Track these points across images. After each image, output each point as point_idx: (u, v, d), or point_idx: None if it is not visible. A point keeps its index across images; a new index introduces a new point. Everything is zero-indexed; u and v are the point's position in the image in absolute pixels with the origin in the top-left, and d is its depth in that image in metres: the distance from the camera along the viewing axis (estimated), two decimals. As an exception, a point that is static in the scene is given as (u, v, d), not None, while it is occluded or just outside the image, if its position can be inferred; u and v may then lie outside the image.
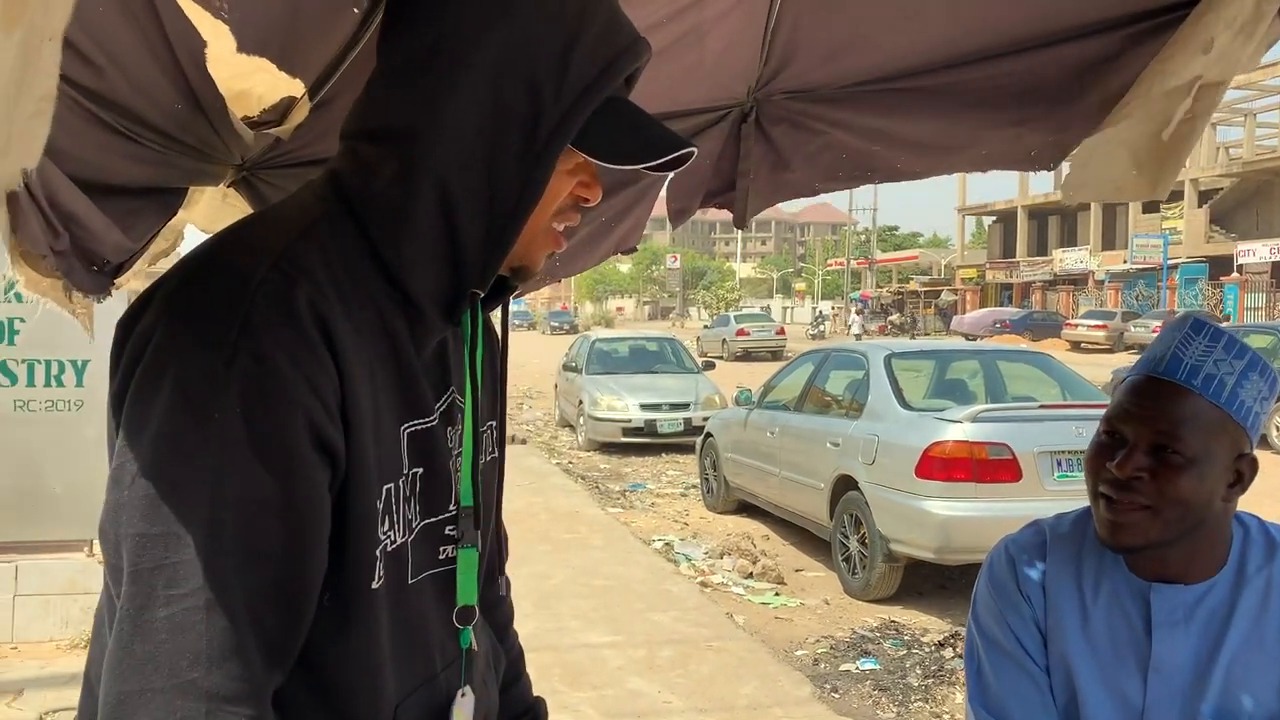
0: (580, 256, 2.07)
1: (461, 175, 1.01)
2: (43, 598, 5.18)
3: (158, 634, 0.85)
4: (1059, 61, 1.70)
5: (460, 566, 1.12)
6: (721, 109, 1.84)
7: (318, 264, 0.98)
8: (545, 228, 1.07)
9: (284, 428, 0.90)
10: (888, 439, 6.76)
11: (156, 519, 0.87)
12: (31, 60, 0.78)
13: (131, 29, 0.95)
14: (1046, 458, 6.29)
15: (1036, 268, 51.65)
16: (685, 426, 13.36)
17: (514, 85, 1.00)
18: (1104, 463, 1.38)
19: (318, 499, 0.94)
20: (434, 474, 1.09)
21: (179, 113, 1.18)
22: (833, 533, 7.29)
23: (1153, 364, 1.40)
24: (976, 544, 6.20)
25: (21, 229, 0.85)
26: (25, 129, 0.81)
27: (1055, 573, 1.50)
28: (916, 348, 8.80)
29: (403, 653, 1.07)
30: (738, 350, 35.76)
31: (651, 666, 5.28)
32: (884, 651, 5.82)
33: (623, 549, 7.91)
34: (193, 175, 1.36)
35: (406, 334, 1.05)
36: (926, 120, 1.82)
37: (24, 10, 0.73)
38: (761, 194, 1.98)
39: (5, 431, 5.44)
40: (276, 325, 0.91)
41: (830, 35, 1.68)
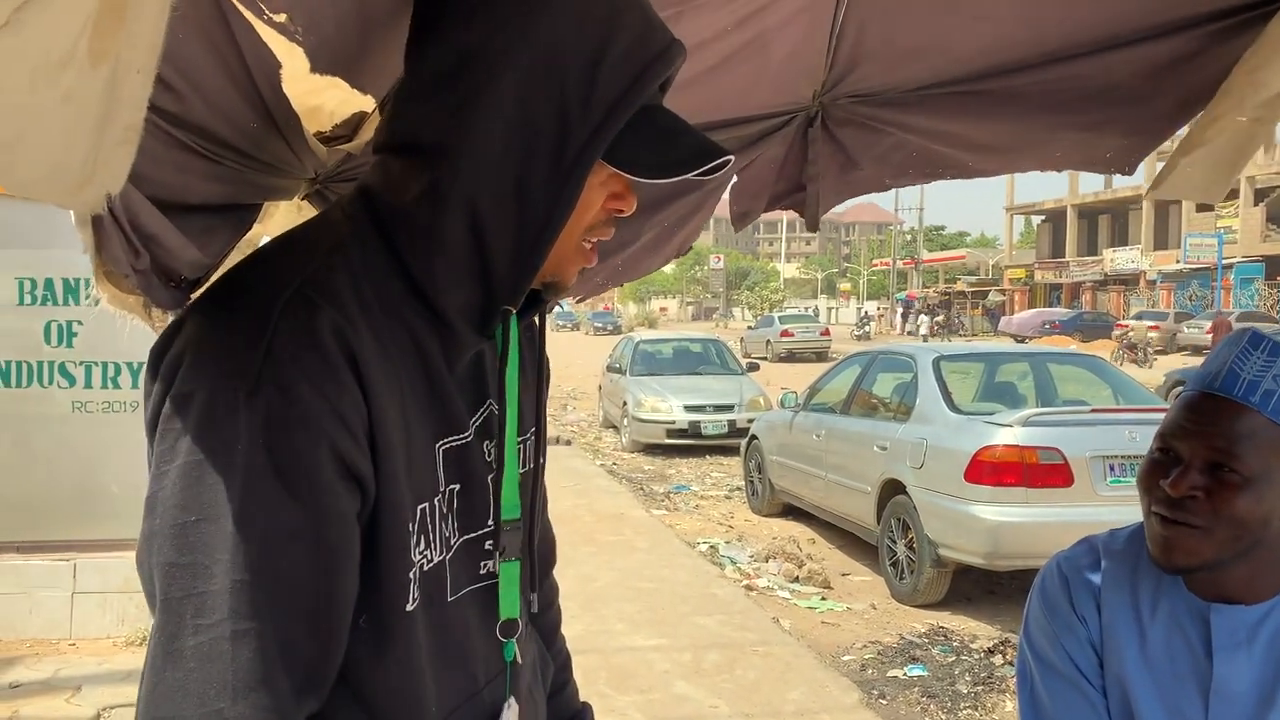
0: (643, 261, 2.06)
1: (490, 193, 0.99)
2: (100, 595, 5.28)
3: (187, 662, 0.86)
4: (1134, 62, 1.66)
5: (503, 580, 1.12)
6: (786, 114, 1.82)
7: (344, 286, 0.97)
8: (577, 244, 1.06)
9: (308, 458, 0.90)
10: (936, 443, 6.69)
11: (185, 549, 0.88)
12: (119, 92, 0.80)
13: (209, 54, 0.97)
14: (1099, 462, 6.19)
15: (1086, 268, 50.91)
16: (729, 428, 13.32)
17: (541, 101, 0.98)
18: (1157, 480, 1.35)
19: (345, 527, 0.94)
20: (471, 490, 1.08)
21: (255, 131, 1.20)
22: (880, 537, 7.24)
23: (1208, 380, 1.36)
24: (1027, 550, 6.13)
25: (105, 250, 0.88)
26: (111, 156, 0.83)
27: (1110, 591, 1.46)
28: (965, 350, 8.70)
29: (444, 669, 1.07)
30: (782, 351, 35.61)
31: (698, 671, 5.27)
32: (932, 658, 5.77)
33: (667, 551, 7.91)
34: (268, 191, 1.38)
35: (439, 351, 1.04)
36: (997, 123, 1.80)
37: (111, 45, 0.74)
38: (830, 193, 1.97)
39: (64, 432, 5.57)
40: (300, 353, 0.91)
41: (897, 39, 1.66)
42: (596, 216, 1.05)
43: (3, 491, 5.50)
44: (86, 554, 5.34)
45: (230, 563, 0.87)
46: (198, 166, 1.12)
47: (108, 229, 0.88)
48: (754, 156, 1.88)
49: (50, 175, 0.81)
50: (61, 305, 5.64)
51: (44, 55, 0.68)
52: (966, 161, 1.93)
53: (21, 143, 0.74)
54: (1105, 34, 1.64)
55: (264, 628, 0.88)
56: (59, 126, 0.76)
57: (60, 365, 5.64)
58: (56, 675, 4.77)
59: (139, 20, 0.77)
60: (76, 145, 0.80)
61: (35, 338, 5.61)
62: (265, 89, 1.11)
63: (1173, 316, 37.18)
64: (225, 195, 1.21)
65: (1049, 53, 1.68)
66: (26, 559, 5.30)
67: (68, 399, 5.62)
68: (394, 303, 1.01)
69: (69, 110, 0.75)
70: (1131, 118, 1.74)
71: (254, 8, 1.01)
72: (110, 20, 0.73)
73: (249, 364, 0.89)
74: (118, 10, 0.73)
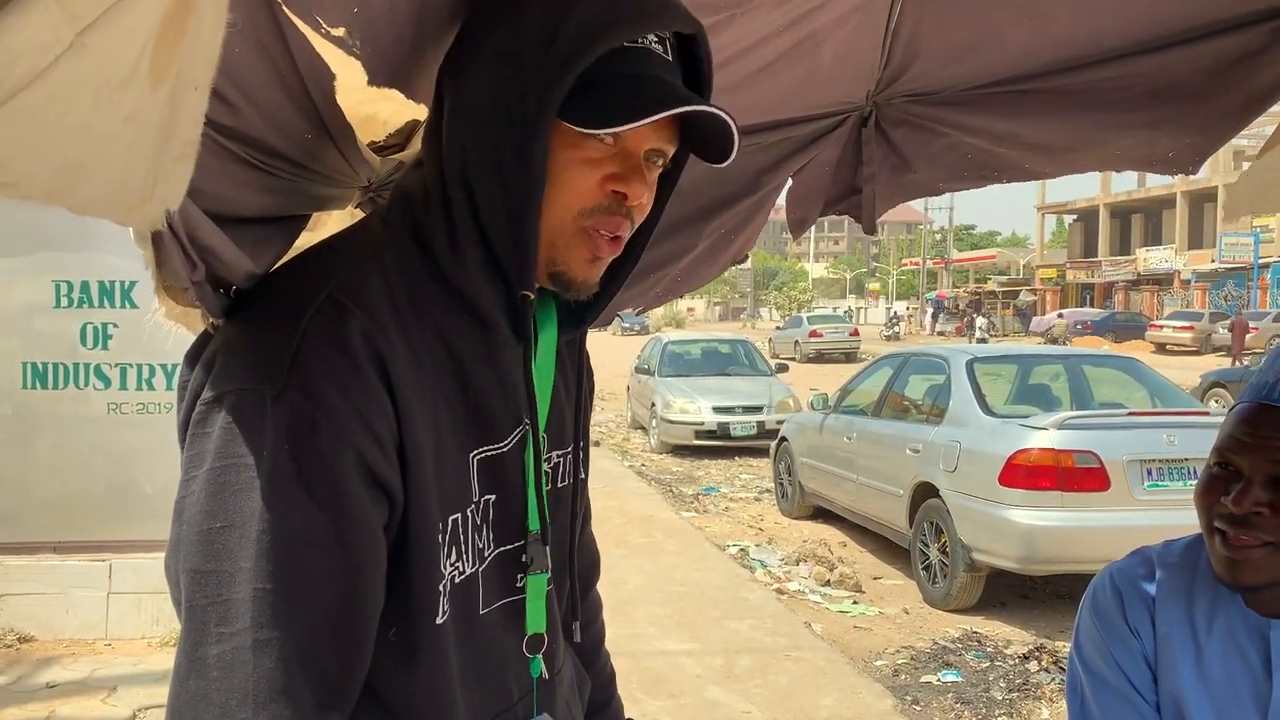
0: (702, 270, 2.03)
1: (481, 178, 1.00)
2: (135, 596, 5.33)
3: (209, 671, 0.86)
4: (1196, 59, 1.62)
5: (530, 594, 1.10)
6: (839, 114, 1.80)
7: (377, 293, 0.97)
8: (573, 226, 1.01)
9: (333, 464, 0.89)
10: (970, 446, 6.63)
11: (210, 555, 0.87)
12: (177, 109, 0.80)
13: (265, 67, 0.97)
14: (1136, 466, 6.11)
15: (1119, 267, 50.41)
16: (758, 430, 13.28)
17: (507, 73, 0.98)
18: (1217, 497, 1.31)
19: (369, 537, 0.92)
20: (507, 500, 1.07)
21: (309, 142, 1.19)
22: (912, 540, 7.18)
23: (1264, 390, 1.32)
24: (1062, 554, 6.07)
25: (165, 265, 0.88)
26: (170, 172, 0.84)
27: (1165, 605, 1.43)
28: (999, 352, 8.62)
29: (475, 684, 1.05)
30: (810, 352, 35.50)
31: (730, 675, 5.24)
32: (966, 663, 5.71)
33: (697, 554, 7.88)
34: (322, 201, 1.38)
35: (479, 354, 1.04)
36: (1055, 122, 1.76)
37: (171, 64, 0.75)
38: (885, 196, 1.93)
39: (99, 433, 5.63)
40: (328, 359, 0.90)
41: (952, 37, 1.63)
42: (592, 197, 1.00)
43: (39, 492, 5.57)
44: (122, 554, 5.38)
45: (253, 570, 0.86)
46: (252, 179, 1.12)
47: (167, 244, 0.88)
48: (808, 159, 1.85)
49: (112, 194, 0.81)
50: (97, 308, 5.69)
51: (107, 76, 0.69)
52: (1023, 163, 1.89)
53: (85, 163, 0.75)
54: (1164, 31, 1.60)
55: (286, 637, 0.87)
56: (121, 145, 0.77)
57: (96, 367, 5.70)
58: (92, 675, 4.82)
59: (197, 38, 0.78)
60: (138, 163, 0.80)
61: (71, 340, 5.67)
62: (319, 100, 1.11)
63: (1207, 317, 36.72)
64: (280, 207, 1.21)
65: (1106, 50, 1.64)
66: (63, 559, 5.36)
67: (103, 400, 5.68)
68: (430, 307, 1.00)
69: (131, 129, 0.76)
70: (1194, 116, 1.70)
71: (312, 22, 1.00)
72: (170, 39, 0.74)
73: (277, 368, 0.89)
74: (178, 30, 0.74)
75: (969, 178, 1.95)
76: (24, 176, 0.72)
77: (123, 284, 5.68)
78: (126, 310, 5.70)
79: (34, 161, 0.71)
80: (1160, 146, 1.78)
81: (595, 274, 1.06)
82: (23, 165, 0.70)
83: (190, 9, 0.74)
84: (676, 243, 1.84)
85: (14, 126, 0.64)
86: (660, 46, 1.00)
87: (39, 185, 0.74)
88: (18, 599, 5.28)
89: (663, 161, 1.05)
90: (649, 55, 0.99)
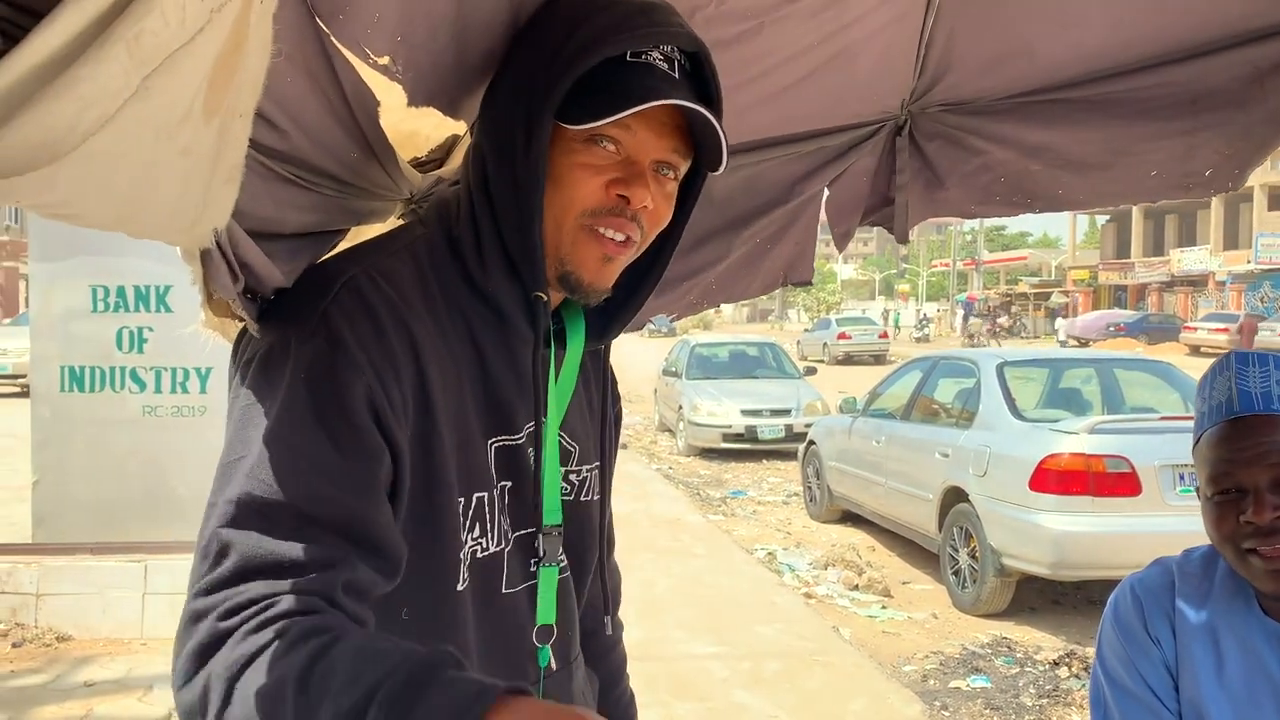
0: (740, 281, 2.02)
1: (498, 184, 1.06)
2: (170, 596, 5.40)
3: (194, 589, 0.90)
4: (1234, 66, 1.61)
5: (541, 584, 1.15)
6: (874, 123, 1.81)
7: (409, 277, 1.04)
8: (576, 224, 1.06)
9: (345, 398, 0.93)
10: (1000, 450, 6.59)
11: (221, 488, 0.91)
12: (224, 137, 0.85)
13: (313, 92, 1.01)
14: (1168, 471, 6.05)
15: (1153, 269, 49.86)
16: (786, 433, 13.25)
17: (519, 87, 1.06)
18: (1233, 522, 1.33)
19: (372, 463, 0.95)
20: (520, 490, 1.12)
21: (355, 160, 1.24)
22: (942, 545, 7.15)
23: (1225, 409, 1.36)
24: (1093, 560, 6.02)
25: (213, 279, 0.92)
26: (217, 195, 0.88)
27: (1185, 614, 1.45)
28: (1029, 356, 8.56)
29: (494, 658, 1.10)
30: (839, 354, 35.36)
31: (758, 680, 5.24)
32: (995, 669, 5.68)
33: (725, 558, 7.89)
34: (365, 215, 1.43)
35: (500, 349, 1.10)
36: (1090, 132, 1.75)
37: (223, 99, 0.80)
38: (917, 209, 1.93)
39: (135, 436, 5.72)
40: (352, 316, 0.97)
41: (987, 46, 1.63)
42: (595, 199, 1.05)
43: (77, 493, 5.66)
44: (157, 555, 5.46)
45: (246, 477, 0.89)
46: (296, 198, 1.16)
47: (215, 260, 0.92)
48: (844, 168, 1.86)
49: (167, 219, 0.86)
50: (133, 312, 5.79)
51: (167, 116, 0.73)
52: (1056, 186, 1.87)
53: (144, 194, 0.80)
54: (1200, 38, 1.60)
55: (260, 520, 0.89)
56: (177, 176, 0.81)
57: (131, 370, 5.79)
58: (129, 675, 4.89)
59: (245, 71, 0.82)
60: (191, 190, 0.85)
61: (108, 343, 5.76)
62: (364, 122, 1.16)
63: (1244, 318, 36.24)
64: (320, 223, 1.26)
65: (1141, 59, 1.64)
66: (100, 560, 5.45)
67: (138, 403, 5.77)
68: (457, 300, 1.08)
69: (186, 162, 0.81)
70: (1234, 123, 1.69)
71: (359, 52, 1.05)
72: (223, 76, 0.78)
73: (306, 321, 0.97)
74: (230, 67, 0.79)
75: (1000, 203, 1.93)
76: (88, 210, 0.77)
77: (158, 288, 5.76)
78: (162, 314, 5.79)
79: (99, 197, 0.75)
80: (1197, 161, 1.76)
81: (606, 277, 1.09)
82: (91, 200, 0.74)
83: (241, 48, 0.78)
84: (709, 251, 1.84)
85: (84, 166, 0.67)
86: (666, 64, 1.04)
87: (102, 216, 0.79)
88: (56, 598, 5.38)
89: (673, 174, 1.09)
90: (650, 69, 1.03)
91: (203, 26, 0.71)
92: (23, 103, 0.62)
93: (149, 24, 0.65)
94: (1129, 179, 1.87)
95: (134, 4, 0.64)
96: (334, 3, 0.97)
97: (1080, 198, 1.92)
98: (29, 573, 5.39)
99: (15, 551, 5.57)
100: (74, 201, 0.73)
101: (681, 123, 1.06)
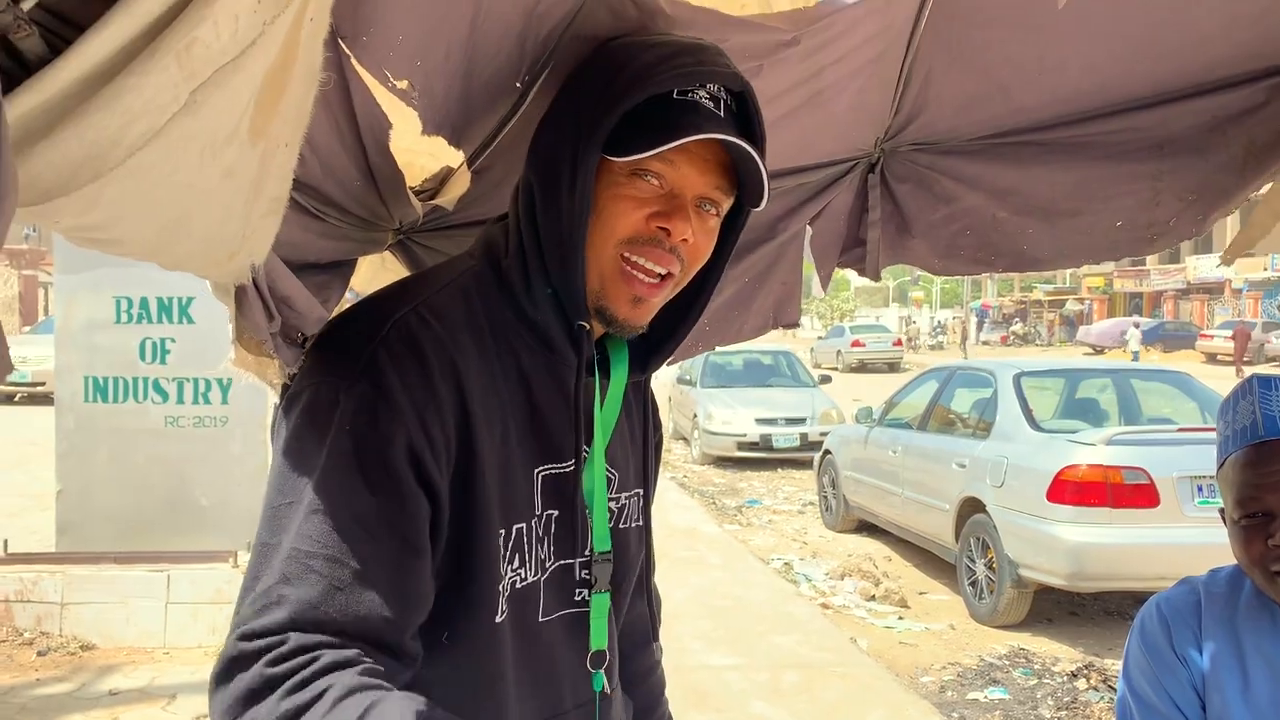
0: (733, 322, 2.03)
1: (544, 215, 1.09)
2: (192, 606, 5.45)
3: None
4: (1198, 114, 1.66)
5: (593, 611, 1.17)
6: (850, 160, 1.82)
7: (457, 312, 1.06)
8: (614, 255, 1.08)
9: (387, 450, 0.96)
10: (1017, 461, 6.59)
11: (273, 530, 0.94)
12: (267, 165, 0.84)
13: (327, 118, 1.03)
14: (1186, 483, 6.04)
15: (1168, 276, 49.57)
16: (801, 442, 13.24)
17: (566, 125, 1.09)
18: (1261, 545, 1.35)
19: (414, 520, 0.98)
20: (568, 518, 1.13)
21: (357, 188, 1.26)
22: (958, 556, 7.14)
23: (1250, 433, 1.37)
24: (1111, 571, 6.01)
25: (246, 316, 0.92)
26: (257, 228, 0.88)
27: (1211, 634, 1.47)
28: (1046, 366, 8.54)
29: (530, 686, 1.12)
30: (852, 362, 35.32)
31: (776, 691, 5.25)
32: (1013, 680, 5.68)
33: (741, 568, 7.89)
34: (364, 245, 1.45)
35: (547, 380, 1.12)
36: (1060, 173, 1.77)
37: (269, 122, 0.79)
38: (887, 251, 1.94)
39: (157, 446, 5.77)
40: (400, 358, 0.99)
41: (963, 87, 1.65)
42: (634, 228, 1.07)
43: (100, 503, 5.72)
44: (179, 565, 5.51)
45: (296, 533, 0.92)
46: (313, 225, 1.18)
47: (250, 297, 0.93)
48: (822, 205, 1.87)
49: (205, 250, 0.86)
50: (156, 323, 5.85)
51: (214, 133, 0.72)
52: (1021, 243, 1.87)
53: (185, 219, 0.79)
54: (1167, 86, 1.64)
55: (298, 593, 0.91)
56: (219, 202, 0.80)
57: (154, 381, 5.85)
58: (153, 683, 4.94)
59: (292, 96, 0.81)
60: (231, 219, 0.84)
61: (131, 354, 5.82)
62: (371, 148, 1.17)
63: (1260, 326, 36.02)
64: (334, 251, 1.28)
65: (1111, 104, 1.68)
66: (124, 569, 5.50)
67: (161, 414, 5.83)
68: (505, 332, 1.10)
69: (229, 186, 0.80)
70: (1196, 169, 1.72)
71: (380, 75, 1.06)
72: (270, 97, 0.77)
73: (354, 364, 0.98)
74: (278, 87, 0.78)
75: (964, 258, 1.93)
76: (130, 233, 0.75)
77: (180, 300, 5.82)
78: (184, 325, 5.85)
79: (141, 219, 0.74)
80: (1162, 210, 1.78)
81: (639, 316, 1.12)
82: (130, 223, 0.73)
83: (289, 68, 0.78)
84: None
85: (127, 184, 0.66)
86: (711, 102, 1.07)
87: (142, 243, 0.78)
88: (80, 607, 5.43)
89: (716, 210, 1.12)
90: (695, 106, 1.06)
91: (255, 40, 0.69)
92: (65, 115, 0.59)
93: (201, 33, 0.63)
94: (1095, 229, 1.87)
95: (186, 12, 0.62)
96: (358, 24, 0.96)
97: (1044, 254, 1.92)
98: (54, 582, 5.45)
99: (41, 561, 5.63)
100: (113, 224, 0.71)
101: (725, 160, 1.08)
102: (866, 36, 1.42)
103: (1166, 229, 1.84)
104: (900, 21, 1.45)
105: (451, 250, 1.61)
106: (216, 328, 5.55)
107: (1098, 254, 1.97)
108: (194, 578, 5.47)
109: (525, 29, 1.13)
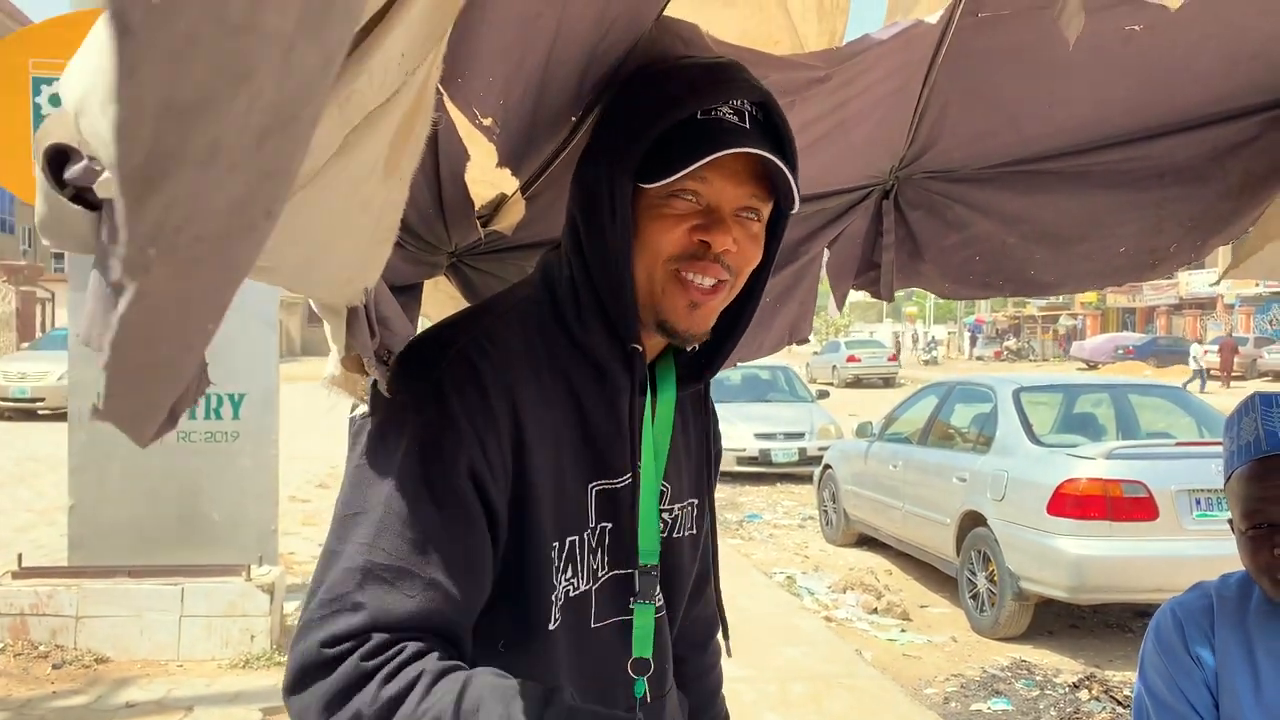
0: (751, 340, 2.06)
1: (589, 245, 1.15)
2: (206, 619, 5.50)
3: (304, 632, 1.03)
4: (1198, 144, 1.77)
5: (637, 620, 1.24)
6: (866, 188, 1.90)
7: (515, 339, 1.14)
8: (664, 271, 1.14)
9: (451, 471, 1.05)
10: (1018, 475, 6.68)
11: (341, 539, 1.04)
12: (391, 197, 0.93)
13: None
14: (1185, 496, 6.13)
15: (1161, 291, 49.76)
16: (800, 456, 13.31)
17: (600, 158, 1.15)
18: (1268, 555, 1.43)
19: (479, 536, 1.07)
20: (620, 531, 1.21)
21: (430, 215, 1.34)
22: (960, 569, 7.22)
23: (1254, 449, 1.45)
24: (1111, 583, 6.10)
25: (354, 335, 1.01)
26: (373, 255, 0.96)
27: (1224, 636, 1.54)
28: (1045, 381, 8.64)
29: (587, 688, 1.18)
30: (848, 377, 35.37)
31: (785, 702, 5.32)
32: (1016, 692, 5.75)
33: (745, 582, 7.95)
34: (430, 269, 1.53)
35: (599, 401, 1.19)
36: (1067, 200, 1.86)
37: (400, 158, 0.87)
38: (900, 276, 2.02)
39: (169, 461, 5.80)
40: (462, 386, 1.08)
41: (977, 119, 1.73)
42: (679, 245, 1.13)
43: (113, 517, 5.76)
44: (192, 578, 5.56)
45: (363, 544, 1.02)
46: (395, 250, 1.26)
47: (360, 318, 1.01)
48: (840, 230, 1.95)
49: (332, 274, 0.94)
50: (168, 339, 5.89)
51: (357, 171, 0.80)
52: (1028, 268, 1.97)
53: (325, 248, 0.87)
54: (1169, 119, 1.75)
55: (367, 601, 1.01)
56: (352, 231, 0.89)
57: (166, 397, 5.89)
58: (168, 696, 4.98)
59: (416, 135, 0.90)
60: (358, 247, 0.93)
61: (144, 371, 5.86)
62: (445, 177, 1.25)
63: (1252, 341, 36.21)
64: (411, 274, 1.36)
65: (1117, 135, 1.78)
66: (138, 583, 5.54)
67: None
68: (559, 356, 1.17)
69: (363, 217, 0.88)
70: (1195, 199, 1.83)
71: (469, 113, 1.15)
72: (401, 137, 0.86)
73: (422, 387, 1.08)
74: (408, 129, 0.87)
75: (974, 283, 2.02)
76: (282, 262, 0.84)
77: (194, 316, 5.87)
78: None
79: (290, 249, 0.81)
80: (1164, 236, 1.88)
81: (699, 322, 1.17)
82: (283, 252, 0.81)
83: (419, 111, 0.87)
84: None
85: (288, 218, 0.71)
86: (736, 117, 1.13)
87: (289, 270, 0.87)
88: (95, 620, 5.48)
89: (756, 216, 1.17)
90: (720, 123, 1.12)
91: (399, 89, 0.77)
92: None
93: (359, 85, 0.71)
94: (1100, 255, 1.96)
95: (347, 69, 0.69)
96: (456, 66, 1.04)
97: (1050, 279, 2.01)
98: (69, 595, 5.50)
99: (56, 575, 5.67)
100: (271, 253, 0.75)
101: (758, 169, 1.13)
102: (888, 71, 1.51)
103: (1167, 255, 1.93)
104: (919, 57, 1.54)
105: (499, 271, 1.70)
106: (229, 343, 5.61)
107: (1101, 279, 2.05)
108: (207, 591, 5.52)
109: (587, 67, 1.21)
